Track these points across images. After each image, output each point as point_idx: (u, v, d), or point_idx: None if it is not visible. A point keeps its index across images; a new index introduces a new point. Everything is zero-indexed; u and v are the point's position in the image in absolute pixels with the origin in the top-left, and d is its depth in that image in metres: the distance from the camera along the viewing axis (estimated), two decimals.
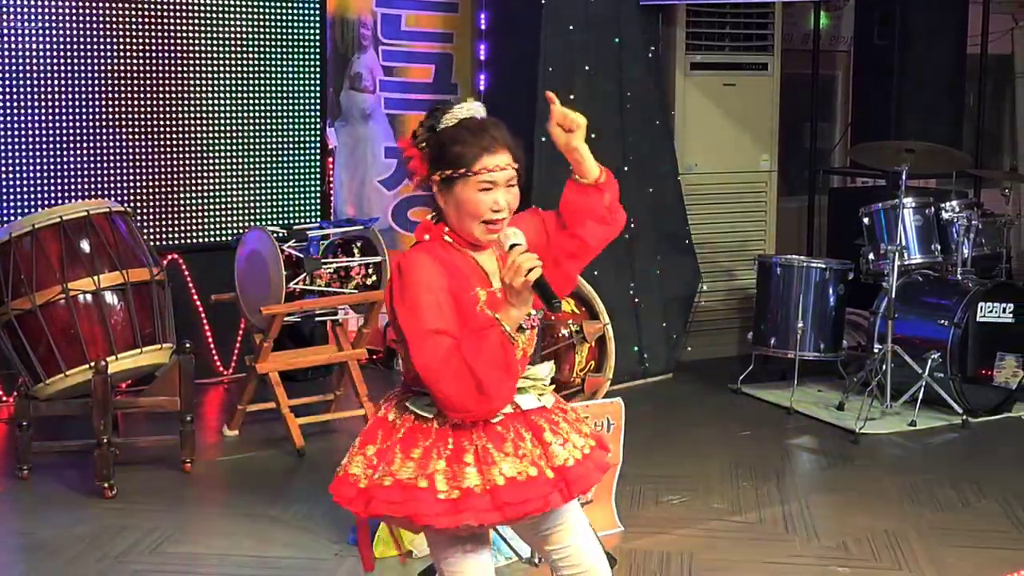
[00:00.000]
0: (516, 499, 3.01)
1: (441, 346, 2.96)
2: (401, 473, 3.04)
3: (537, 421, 3.13)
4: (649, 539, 5.06)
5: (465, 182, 3.06)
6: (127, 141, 6.99)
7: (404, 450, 3.06)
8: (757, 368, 7.35)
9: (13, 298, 5.61)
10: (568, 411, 3.26)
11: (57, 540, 5.00)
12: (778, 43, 8.14)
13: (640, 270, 7.50)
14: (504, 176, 3.09)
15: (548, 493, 3.05)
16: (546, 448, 3.09)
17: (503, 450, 3.05)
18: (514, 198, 3.13)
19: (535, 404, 3.16)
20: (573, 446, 3.13)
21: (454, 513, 3.00)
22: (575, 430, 3.19)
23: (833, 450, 6.35)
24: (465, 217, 3.08)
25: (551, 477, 3.05)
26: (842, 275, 7.15)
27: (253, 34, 7.31)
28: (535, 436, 3.10)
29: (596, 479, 3.20)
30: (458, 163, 3.06)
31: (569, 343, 6.18)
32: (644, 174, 7.52)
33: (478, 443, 3.04)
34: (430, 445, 3.05)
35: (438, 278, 3.02)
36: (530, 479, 3.03)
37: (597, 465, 3.19)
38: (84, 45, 6.80)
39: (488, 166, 3.06)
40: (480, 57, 7.84)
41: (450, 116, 3.13)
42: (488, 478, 3.01)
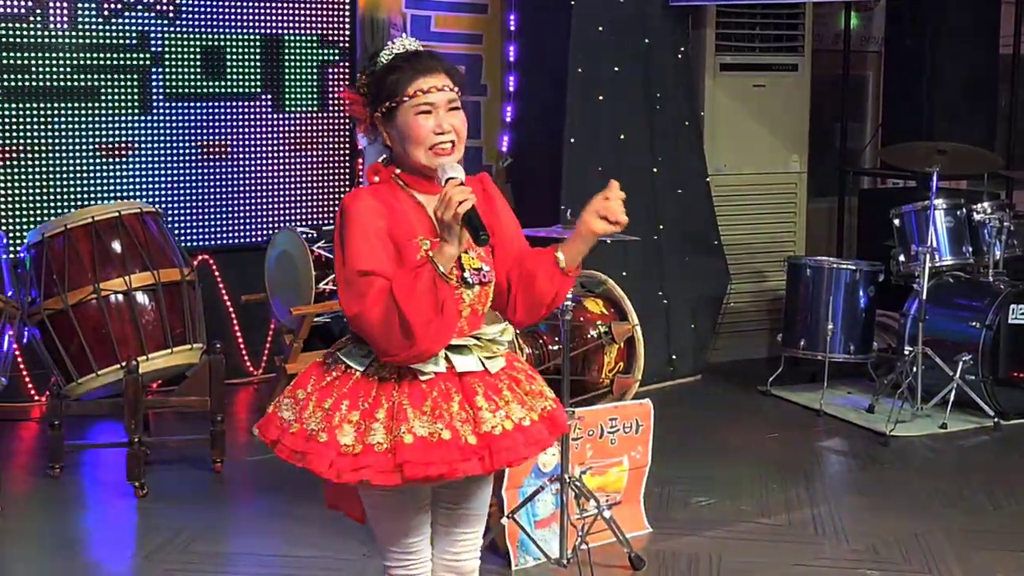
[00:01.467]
0: (420, 459, 2.91)
1: (371, 287, 2.89)
2: (308, 423, 3.01)
3: (472, 384, 3.03)
4: (678, 541, 5.06)
5: (403, 108, 3.00)
6: (158, 142, 7.03)
7: (319, 399, 3.02)
8: (786, 370, 7.33)
9: (45, 298, 5.65)
10: (522, 380, 3.14)
11: (88, 538, 5.03)
12: (808, 44, 8.11)
13: (669, 271, 7.49)
14: (443, 97, 3.02)
15: (459, 459, 2.94)
16: (476, 412, 2.99)
17: (421, 408, 2.96)
18: (460, 122, 3.05)
19: (474, 367, 3.05)
20: (507, 415, 3.02)
21: (352, 469, 2.94)
22: (519, 400, 3.07)
23: (863, 452, 6.32)
24: (409, 146, 3.01)
25: (472, 443, 2.96)
26: (872, 277, 7.12)
27: (283, 34, 7.33)
28: (466, 399, 3.01)
29: (524, 454, 3.06)
30: (394, 90, 3.00)
31: (598, 344, 6.18)
32: (673, 175, 7.51)
33: (396, 399, 2.97)
34: (344, 395, 3.00)
35: (376, 219, 2.96)
36: (441, 442, 2.93)
37: (532, 439, 3.05)
38: (113, 48, 6.84)
39: (423, 87, 2.99)
40: (509, 58, 7.83)
41: (385, 52, 3.07)
42: (395, 435, 2.93)
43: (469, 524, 3.26)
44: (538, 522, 4.81)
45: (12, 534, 5.16)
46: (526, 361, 5.02)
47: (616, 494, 5.02)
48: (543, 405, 3.14)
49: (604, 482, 5.00)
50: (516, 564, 4.73)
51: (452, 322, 2.97)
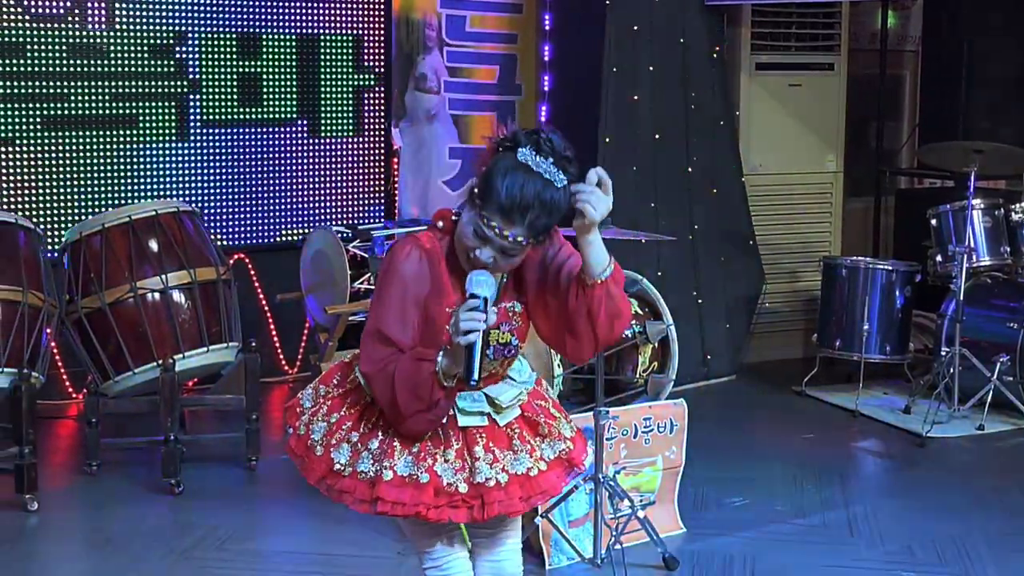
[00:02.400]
0: (391, 498, 2.97)
1: (381, 353, 2.94)
2: (313, 431, 3.09)
3: (475, 434, 3.06)
4: (712, 541, 5.05)
5: (474, 212, 2.89)
6: (194, 142, 7.06)
7: (329, 409, 3.10)
8: (822, 370, 7.30)
9: (83, 296, 5.69)
10: (540, 423, 3.14)
11: (124, 535, 5.06)
12: (845, 43, 8.07)
13: (704, 271, 7.48)
14: (499, 243, 2.88)
15: (434, 504, 2.97)
16: (473, 463, 3.02)
17: (409, 449, 3.00)
18: (506, 263, 2.93)
19: (478, 423, 3.06)
20: (504, 468, 3.02)
21: (338, 489, 3.03)
22: (529, 449, 3.08)
23: (899, 454, 6.29)
24: (459, 240, 2.96)
25: (462, 492, 2.99)
26: (909, 277, 7.08)
27: (319, 34, 7.36)
28: (465, 447, 3.04)
29: (522, 507, 3.08)
30: (484, 194, 2.87)
31: (632, 344, 6.17)
32: (708, 175, 7.50)
33: (390, 434, 3.02)
34: (351, 415, 3.07)
35: (416, 285, 2.95)
36: (417, 485, 2.97)
37: (536, 490, 3.07)
38: (156, 47, 6.88)
39: (492, 223, 2.85)
40: (544, 58, 7.84)
41: (528, 153, 2.86)
42: (379, 469, 2.98)
43: (506, 526, 3.28)
44: (572, 522, 4.81)
45: (50, 531, 5.20)
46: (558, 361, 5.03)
47: (650, 494, 5.02)
48: (561, 448, 3.15)
49: (638, 482, 4.99)
50: (550, 563, 4.73)
51: (442, 414, 2.99)
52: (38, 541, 5.12)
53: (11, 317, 5.38)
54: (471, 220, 2.89)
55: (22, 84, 6.56)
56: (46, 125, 6.65)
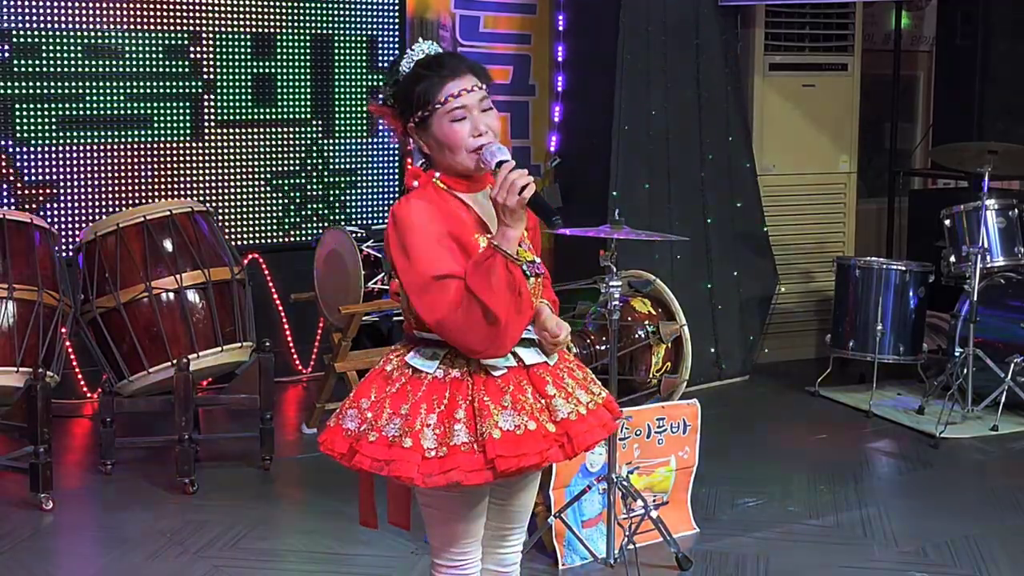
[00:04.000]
0: (511, 452, 2.91)
1: (448, 291, 2.88)
2: (387, 429, 2.96)
3: (540, 375, 3.05)
4: (725, 541, 5.05)
5: (437, 117, 2.97)
6: (209, 142, 7.08)
7: (393, 405, 2.99)
8: (835, 371, 7.30)
9: (98, 296, 5.71)
10: (575, 369, 3.17)
11: (138, 535, 5.08)
12: (858, 43, 8.06)
13: (717, 271, 7.48)
14: (475, 98, 2.98)
15: (546, 448, 2.96)
16: (549, 401, 3.01)
17: (501, 403, 2.96)
18: (494, 119, 3.01)
19: (538, 359, 3.07)
20: (578, 401, 3.05)
21: (441, 471, 2.91)
22: (582, 387, 3.11)
23: (912, 454, 6.28)
24: (450, 153, 2.99)
25: (552, 431, 2.98)
26: (922, 277, 7.07)
27: (332, 35, 7.38)
28: (537, 389, 3.02)
29: (600, 436, 3.10)
30: (424, 100, 2.97)
31: (645, 344, 6.18)
32: (722, 175, 7.50)
33: (476, 396, 2.96)
34: (420, 399, 2.97)
35: (436, 222, 2.95)
36: (528, 433, 2.94)
37: (601, 422, 3.09)
38: (168, 47, 6.90)
39: (454, 92, 2.96)
40: (558, 58, 7.85)
41: (405, 62, 3.04)
42: (481, 432, 2.92)
43: (517, 520, 3.27)
44: (585, 522, 4.81)
45: (64, 529, 5.22)
46: None
47: (663, 494, 5.02)
48: (599, 391, 3.17)
49: (651, 482, 5.00)
50: (563, 563, 4.74)
51: (530, 303, 2.99)
52: (53, 539, 5.13)
53: (26, 317, 5.41)
54: (441, 121, 2.97)
55: (38, 85, 6.59)
56: (61, 125, 6.67)
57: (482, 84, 3.01)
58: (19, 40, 6.52)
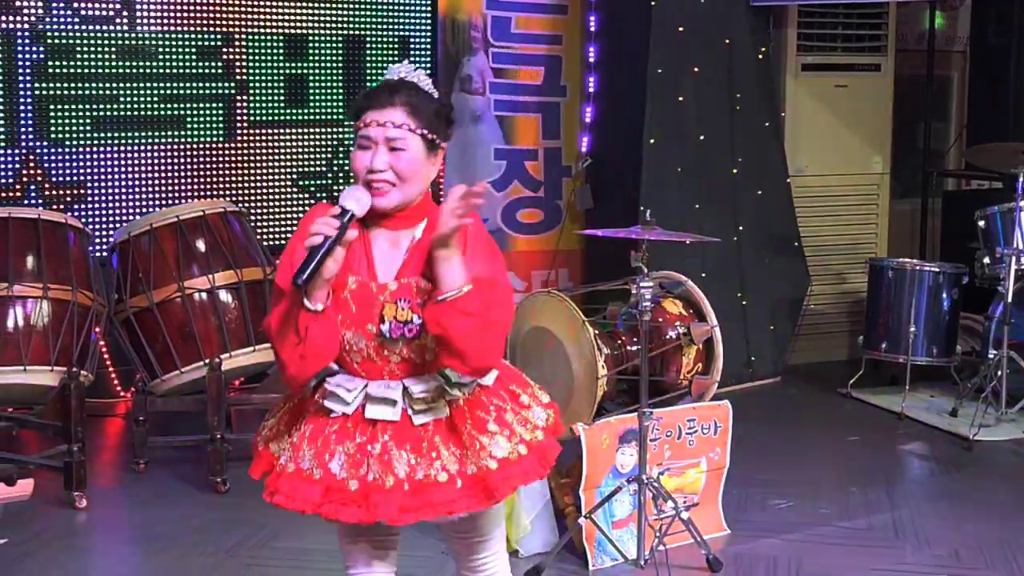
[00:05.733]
0: (285, 489, 2.94)
1: (276, 301, 2.86)
2: (266, 423, 3.11)
3: (379, 432, 2.88)
4: (756, 543, 5.03)
5: (357, 139, 2.88)
6: (242, 143, 7.11)
7: (283, 402, 3.09)
8: (867, 372, 7.27)
9: (131, 296, 5.75)
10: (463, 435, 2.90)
11: (171, 533, 5.10)
12: (892, 43, 8.03)
13: (749, 272, 7.46)
14: (381, 133, 2.83)
15: (326, 502, 2.88)
16: (366, 458, 2.87)
17: (314, 443, 2.92)
18: (401, 162, 2.83)
19: (387, 417, 2.87)
20: (393, 471, 2.84)
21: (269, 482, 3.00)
22: (432, 457, 2.87)
23: (945, 457, 6.25)
24: (353, 174, 2.88)
25: (351, 489, 2.86)
26: (956, 279, 7.03)
27: (364, 36, 7.40)
28: (368, 442, 2.88)
29: (405, 517, 2.86)
30: (355, 117, 2.90)
31: (676, 345, 6.15)
32: (754, 176, 7.48)
33: (305, 427, 2.95)
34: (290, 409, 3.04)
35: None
36: (310, 480, 2.90)
37: (424, 501, 2.85)
38: (201, 48, 6.94)
39: (367, 120, 2.85)
40: (590, 59, 7.84)
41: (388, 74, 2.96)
42: (287, 461, 2.96)
43: (479, 550, 3.14)
44: (615, 522, 4.81)
45: (98, 527, 5.26)
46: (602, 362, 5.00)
47: (694, 495, 5.01)
48: (481, 465, 2.88)
49: (682, 483, 4.99)
50: (593, 564, 4.74)
51: (316, 348, 2.80)
52: (86, 537, 5.17)
53: (61, 316, 5.45)
54: (356, 143, 2.87)
55: (73, 86, 6.63)
56: (96, 126, 6.71)
57: (410, 123, 2.84)
58: (53, 41, 6.57)
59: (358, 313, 2.84)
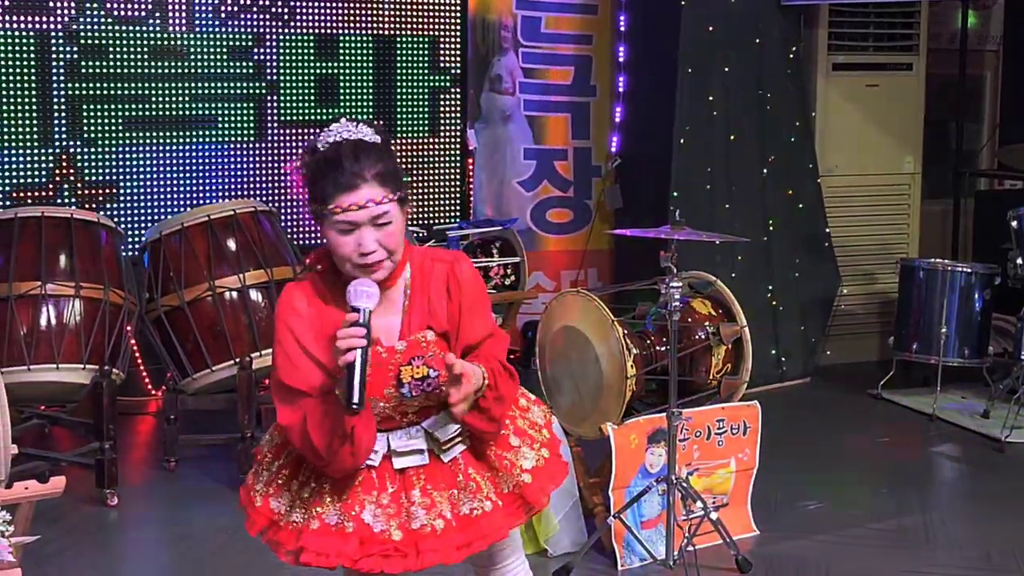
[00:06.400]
0: (315, 547, 2.83)
1: (293, 402, 2.77)
2: (260, 476, 2.98)
3: (412, 477, 2.87)
4: (785, 544, 5.02)
5: (328, 222, 2.74)
6: (272, 143, 7.14)
7: (274, 455, 2.98)
8: (898, 373, 7.23)
9: (163, 295, 5.78)
10: (490, 458, 2.93)
11: (201, 531, 5.13)
12: (923, 43, 7.98)
13: (779, 272, 7.43)
14: (365, 215, 2.72)
15: (370, 553, 2.81)
16: (409, 507, 2.85)
17: (340, 496, 2.85)
18: (386, 236, 2.75)
19: (416, 463, 2.88)
20: (440, 514, 2.84)
21: (273, 542, 2.91)
22: (473, 489, 2.88)
23: (977, 458, 6.21)
24: (336, 259, 2.79)
25: (396, 539, 2.82)
26: (988, 279, 6.99)
27: (395, 36, 7.41)
28: (402, 490, 2.86)
29: (458, 555, 2.85)
30: (319, 199, 2.75)
31: (705, 345, 6.14)
32: (784, 176, 7.45)
33: (321, 482, 2.87)
34: (290, 463, 2.93)
35: (308, 324, 2.80)
36: (342, 533, 2.82)
37: (475, 534, 2.85)
38: (233, 48, 6.97)
39: (343, 204, 2.71)
40: (619, 59, 7.84)
41: (323, 139, 2.79)
42: (307, 518, 2.86)
43: (503, 558, 3.09)
44: (644, 522, 4.81)
45: (129, 525, 5.29)
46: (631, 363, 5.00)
47: (723, 496, 5.00)
48: (517, 481, 2.93)
49: (711, 483, 4.98)
50: (622, 564, 4.73)
51: (364, 444, 2.79)
52: (117, 534, 5.20)
53: (93, 315, 5.48)
54: (330, 227, 2.74)
55: (105, 85, 6.67)
56: (128, 126, 6.75)
57: (385, 195, 2.75)
58: (86, 42, 6.61)
59: (373, 381, 2.77)
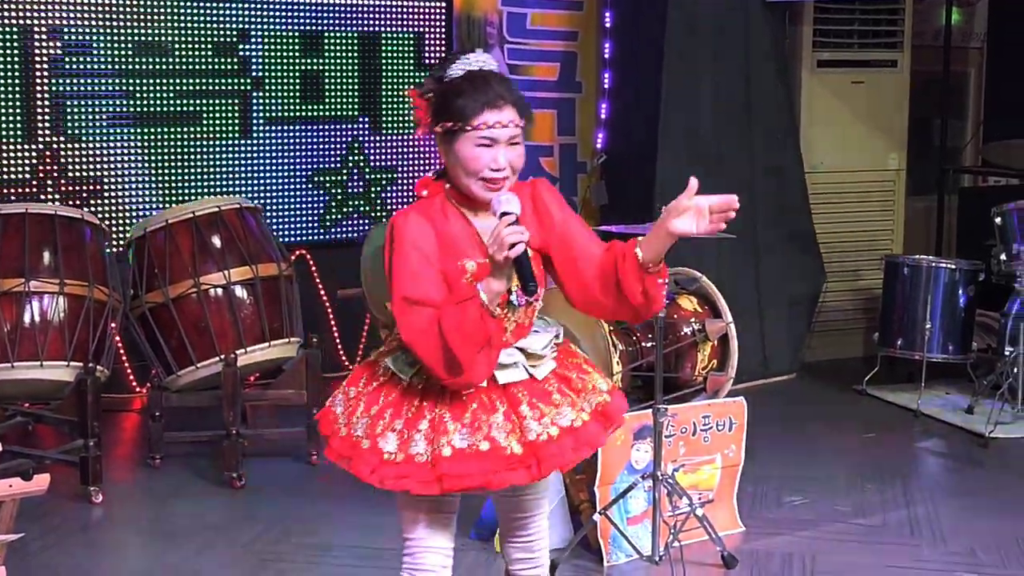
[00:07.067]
0: (455, 471, 2.93)
1: (420, 316, 2.89)
2: (355, 427, 3.05)
3: (517, 393, 3.02)
4: (771, 540, 5.03)
5: (465, 136, 2.97)
6: (257, 140, 7.12)
7: (368, 404, 3.06)
8: (883, 369, 7.25)
9: (147, 291, 5.77)
10: (573, 377, 3.12)
11: (186, 528, 5.12)
12: (908, 40, 8.00)
13: (764, 269, 7.44)
14: (506, 133, 2.98)
15: (502, 469, 2.96)
16: (521, 422, 2.99)
17: (461, 420, 2.97)
18: (517, 156, 3.02)
19: (518, 378, 3.04)
20: (552, 421, 3.00)
21: (395, 476, 2.97)
22: (570, 402, 3.06)
23: (962, 454, 6.23)
24: (463, 173, 2.99)
25: (518, 453, 2.96)
26: (972, 276, 7.01)
27: (380, 33, 7.40)
28: (511, 408, 3.00)
29: (575, 458, 3.06)
30: (459, 116, 2.96)
31: (691, 341, 6.15)
32: (769, 172, 7.46)
33: (438, 411, 2.98)
34: (389, 403, 3.03)
35: (422, 243, 2.96)
36: (478, 453, 2.95)
37: (582, 441, 3.04)
38: (217, 45, 6.95)
39: (488, 121, 2.96)
40: (605, 55, 7.83)
41: (457, 66, 3.02)
42: (435, 447, 2.95)
43: (532, 508, 3.25)
44: (630, 519, 4.81)
45: (113, 523, 5.27)
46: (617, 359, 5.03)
47: (709, 492, 5.01)
48: (598, 400, 3.12)
49: (697, 480, 4.99)
50: (608, 560, 4.73)
51: (498, 351, 2.98)
52: (102, 532, 5.19)
53: (77, 312, 5.46)
54: (467, 142, 2.96)
55: (88, 81, 6.65)
56: (112, 122, 6.73)
57: (520, 120, 3.02)
58: (70, 38, 6.58)
59: None
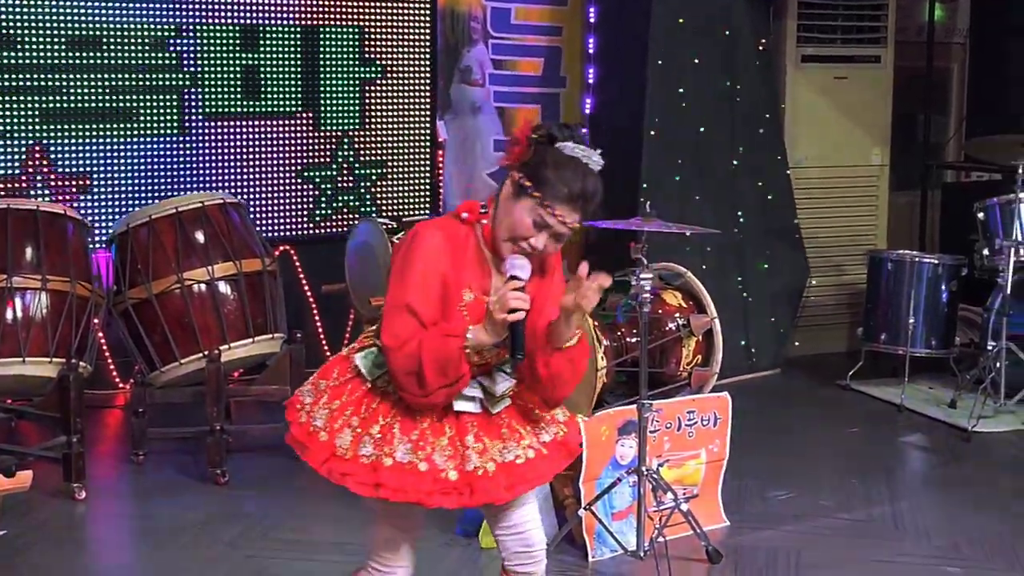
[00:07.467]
0: (393, 484, 3.06)
1: (407, 327, 3.02)
2: (315, 418, 3.16)
3: (467, 423, 3.15)
4: (755, 535, 5.04)
5: (531, 203, 3.05)
6: (240, 135, 7.10)
7: (331, 397, 3.17)
8: (867, 364, 7.27)
9: (130, 287, 5.74)
10: (532, 407, 3.24)
11: (170, 524, 5.10)
12: (891, 35, 8.03)
13: (748, 264, 7.46)
14: (560, 228, 3.08)
15: (435, 492, 3.08)
16: (463, 451, 3.11)
17: (408, 435, 3.09)
18: (553, 248, 3.13)
19: (472, 410, 3.16)
20: (491, 458, 3.12)
21: (340, 472, 3.11)
22: (517, 438, 3.18)
23: (945, 448, 6.25)
24: (505, 227, 3.08)
25: (452, 479, 3.09)
26: (955, 271, 7.03)
27: (365, 27, 7.38)
28: (458, 435, 3.13)
29: (507, 495, 3.16)
30: (542, 186, 3.05)
31: (676, 337, 6.15)
32: (753, 168, 7.47)
33: (389, 420, 3.11)
34: (351, 401, 3.15)
35: (439, 260, 3.06)
36: (416, 472, 3.07)
37: (519, 479, 3.16)
38: (197, 41, 6.93)
39: (558, 212, 3.05)
40: (589, 50, 7.83)
41: (572, 147, 3.11)
42: (380, 454, 3.07)
43: (517, 503, 3.30)
44: (615, 514, 4.81)
45: (97, 519, 5.26)
46: (602, 354, 5.01)
47: (693, 487, 5.01)
48: (555, 431, 3.27)
49: (681, 475, 4.99)
50: (593, 555, 4.74)
51: (462, 387, 3.10)
52: (85, 529, 5.18)
53: (59, 308, 5.44)
54: (529, 210, 3.04)
55: (76, 78, 6.61)
56: (95, 118, 6.69)
57: (577, 225, 3.10)
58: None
59: (471, 323, 3.07)
